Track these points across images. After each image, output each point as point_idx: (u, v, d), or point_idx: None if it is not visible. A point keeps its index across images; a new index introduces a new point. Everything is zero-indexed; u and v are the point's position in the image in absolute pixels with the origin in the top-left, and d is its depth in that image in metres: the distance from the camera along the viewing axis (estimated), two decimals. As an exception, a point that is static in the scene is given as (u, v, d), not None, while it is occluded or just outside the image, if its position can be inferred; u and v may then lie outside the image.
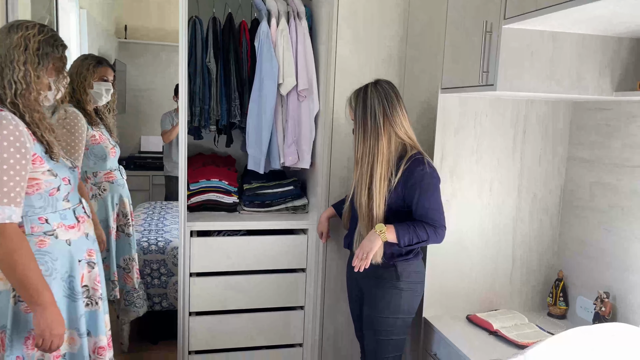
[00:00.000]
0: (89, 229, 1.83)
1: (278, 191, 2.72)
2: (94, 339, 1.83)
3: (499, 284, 2.43)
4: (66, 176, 1.72)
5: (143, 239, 3.28)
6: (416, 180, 1.97)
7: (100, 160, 2.61)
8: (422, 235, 1.96)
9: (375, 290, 2.09)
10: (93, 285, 1.83)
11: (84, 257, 1.79)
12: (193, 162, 2.83)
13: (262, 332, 2.63)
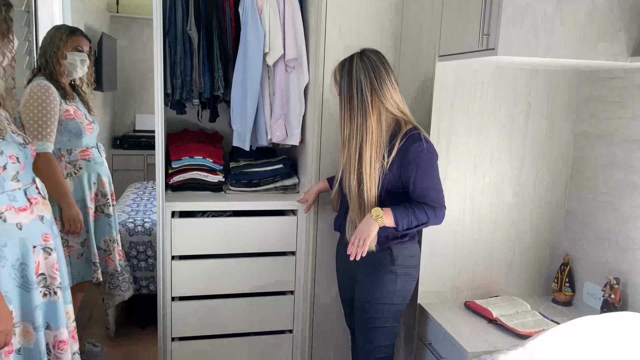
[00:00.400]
0: (44, 211, 1.68)
1: (266, 170, 2.56)
2: (53, 332, 1.69)
3: (499, 268, 2.28)
4: (14, 153, 1.57)
5: (129, 220, 3.15)
6: (412, 158, 1.80)
7: (74, 137, 2.46)
8: (422, 217, 1.81)
9: (369, 275, 1.93)
10: (51, 273, 1.68)
11: (39, 243, 1.64)
12: (177, 139, 2.68)
13: (250, 317, 2.49)
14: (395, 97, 1.86)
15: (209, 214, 2.46)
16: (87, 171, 2.49)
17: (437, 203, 1.83)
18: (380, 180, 1.83)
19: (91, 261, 2.53)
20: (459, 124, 2.13)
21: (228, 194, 2.53)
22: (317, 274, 2.47)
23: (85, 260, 2.53)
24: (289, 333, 2.56)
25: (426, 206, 1.82)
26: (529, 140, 2.20)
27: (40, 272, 1.65)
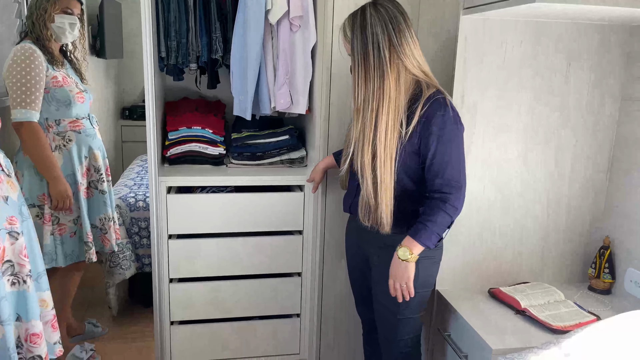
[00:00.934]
0: (9, 191, 1.50)
1: (271, 141, 2.33)
2: (25, 325, 1.53)
3: (530, 252, 2.03)
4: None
5: (130, 195, 2.97)
6: (435, 128, 1.56)
7: (63, 106, 2.26)
8: (445, 220, 1.59)
9: (387, 261, 1.70)
10: (19, 260, 1.51)
11: (4, 227, 1.46)
12: (175, 108, 2.46)
13: (255, 301, 2.31)
14: (416, 54, 1.61)
15: (209, 189, 2.26)
16: (77, 144, 2.30)
17: (453, 182, 1.58)
18: (398, 154, 1.59)
19: (83, 241, 2.37)
20: (486, 88, 1.86)
21: (229, 168, 2.32)
22: (326, 255, 2.27)
23: (79, 239, 2.37)
24: (296, 317, 2.38)
25: (440, 203, 1.58)
26: (567, 107, 1.92)
27: (6, 259, 1.48)
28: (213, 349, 2.32)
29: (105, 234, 2.48)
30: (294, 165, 2.36)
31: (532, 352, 1.48)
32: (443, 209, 1.58)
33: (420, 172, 1.64)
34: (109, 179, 2.50)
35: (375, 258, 1.76)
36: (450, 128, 1.57)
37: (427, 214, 1.59)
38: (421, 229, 1.59)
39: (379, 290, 1.76)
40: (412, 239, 1.59)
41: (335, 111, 2.14)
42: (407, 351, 1.80)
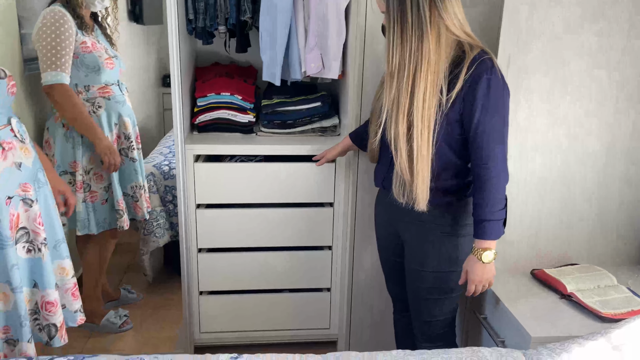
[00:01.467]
0: (22, 157, 1.45)
1: (302, 108, 2.22)
2: (40, 293, 1.51)
3: (580, 230, 1.86)
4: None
5: (164, 162, 2.95)
6: (480, 93, 1.41)
7: (92, 72, 2.21)
8: (500, 197, 1.47)
9: (423, 239, 1.60)
10: (33, 227, 1.48)
11: (16, 193, 1.43)
12: (205, 73, 2.38)
13: (286, 273, 2.25)
14: (459, 12, 1.44)
15: (238, 158, 2.18)
16: (106, 110, 2.27)
17: (498, 154, 1.44)
18: (437, 123, 1.44)
19: (114, 209, 2.36)
20: (534, 52, 1.68)
21: (259, 136, 2.23)
22: (357, 228, 2.16)
23: (110, 206, 2.36)
24: (327, 291, 2.30)
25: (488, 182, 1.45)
26: (627, 75, 1.71)
27: (21, 225, 1.45)
28: (241, 320, 2.28)
29: (136, 201, 2.46)
30: (326, 134, 2.25)
31: (576, 342, 1.35)
32: (495, 187, 1.45)
33: (464, 143, 1.49)
34: (139, 146, 2.47)
35: (408, 234, 1.65)
36: (497, 93, 1.42)
37: (483, 202, 1.46)
38: (489, 225, 1.47)
39: (412, 268, 1.65)
40: (485, 239, 1.47)
41: (369, 76, 2.00)
42: (441, 332, 1.69)
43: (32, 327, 1.55)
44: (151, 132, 4.32)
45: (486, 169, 1.44)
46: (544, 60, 1.69)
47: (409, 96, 1.44)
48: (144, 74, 4.25)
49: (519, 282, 1.76)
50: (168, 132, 3.89)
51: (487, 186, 1.44)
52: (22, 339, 1.45)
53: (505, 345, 1.61)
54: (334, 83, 2.37)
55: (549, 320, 1.54)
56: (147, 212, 2.52)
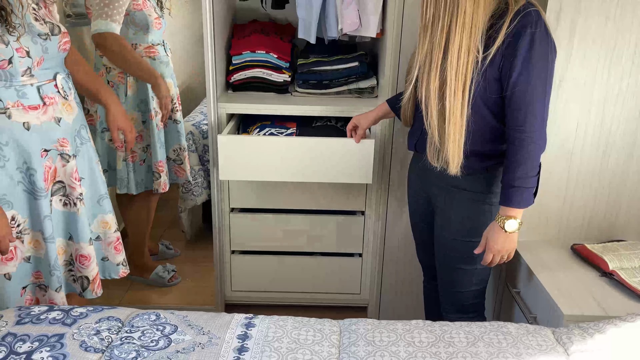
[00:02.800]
0: (63, 113, 1.48)
1: (339, 68, 2.15)
2: (75, 246, 1.56)
3: (629, 204, 1.72)
4: (23, 46, 1.35)
5: (204, 122, 2.95)
6: (522, 48, 1.30)
7: (140, 31, 2.19)
8: (534, 164, 1.37)
9: (455, 205, 1.52)
10: (70, 182, 1.51)
11: (54, 147, 1.46)
12: (242, 30, 2.33)
13: (318, 236, 2.22)
14: None
15: (268, 130, 2.09)
16: None
17: (537, 117, 1.33)
18: (474, 80, 1.34)
19: (152, 170, 2.36)
20: (590, 3, 1.53)
21: (294, 97, 2.18)
22: (390, 195, 2.10)
23: (147, 167, 2.37)
24: (359, 257, 2.27)
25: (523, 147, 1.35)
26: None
27: (58, 179, 1.50)
28: (272, 280, 2.29)
29: (180, 164, 2.47)
30: (363, 95, 2.17)
31: (612, 323, 1.26)
32: (529, 153, 1.34)
33: (503, 104, 1.39)
34: (180, 108, 2.47)
35: (440, 200, 1.57)
36: (540, 50, 1.30)
37: (514, 166, 1.36)
38: (517, 192, 1.36)
39: (443, 236, 1.58)
40: (512, 207, 1.38)
41: (408, 34, 1.89)
42: (471, 303, 1.63)
43: (66, 277, 1.61)
44: (195, 90, 4.33)
45: (521, 132, 1.34)
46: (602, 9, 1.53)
47: (443, 51, 1.34)
48: (185, 32, 4.24)
49: (557, 256, 1.66)
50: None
51: (520, 150, 1.34)
52: (51, 287, 1.51)
53: (537, 322, 1.54)
54: (373, 43, 2.27)
55: (585, 298, 1.45)
56: (190, 174, 2.52)
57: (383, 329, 1.28)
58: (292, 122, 2.14)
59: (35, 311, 1.29)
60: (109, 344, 1.19)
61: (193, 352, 1.17)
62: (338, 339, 1.25)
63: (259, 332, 1.25)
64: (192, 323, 1.27)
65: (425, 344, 1.23)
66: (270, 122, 2.13)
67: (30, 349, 1.15)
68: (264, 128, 2.10)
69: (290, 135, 2.04)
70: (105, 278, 1.70)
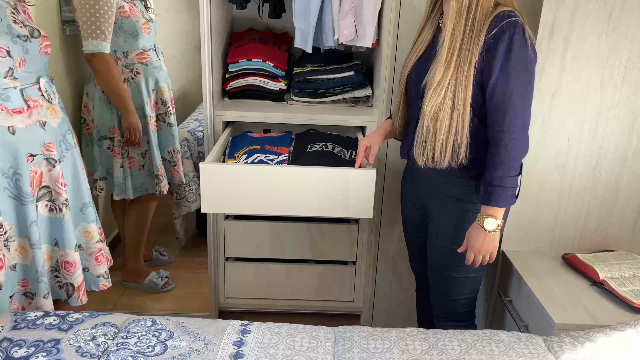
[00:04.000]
0: (48, 116, 1.47)
1: (335, 77, 2.17)
2: (60, 252, 1.54)
3: (620, 216, 1.75)
4: (2, 46, 1.35)
5: (199, 128, 2.97)
6: (501, 51, 1.33)
7: (130, 37, 2.21)
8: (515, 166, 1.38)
9: (447, 212, 1.54)
10: (55, 187, 1.50)
11: (40, 152, 1.45)
12: (239, 39, 2.35)
13: (311, 244, 2.24)
14: None
15: (257, 157, 1.87)
16: (144, 76, 2.27)
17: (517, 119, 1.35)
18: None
19: (153, 173, 2.38)
20: (584, 14, 1.56)
21: (290, 105, 2.20)
22: (385, 204, 2.12)
23: (147, 172, 2.39)
24: (352, 265, 2.28)
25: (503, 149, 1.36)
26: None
27: (44, 184, 1.48)
28: (266, 287, 2.30)
29: (174, 166, 2.49)
30: (359, 104, 2.19)
31: (603, 332, 1.28)
32: (509, 153, 1.36)
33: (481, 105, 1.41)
34: (174, 111, 2.48)
35: (434, 209, 1.59)
36: (519, 53, 1.32)
37: (494, 166, 1.38)
38: (496, 191, 1.38)
39: (437, 244, 1.60)
40: (491, 206, 1.39)
41: (404, 45, 1.92)
42: (463, 311, 1.64)
43: (52, 283, 1.59)
44: (192, 97, 4.35)
45: (502, 133, 1.36)
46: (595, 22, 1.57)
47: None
48: (185, 38, 4.26)
49: (549, 266, 1.68)
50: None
51: (501, 150, 1.36)
52: (38, 294, 1.49)
53: (529, 330, 1.55)
54: (368, 53, 2.30)
55: (576, 307, 1.47)
56: (183, 175, 2.55)
57: (377, 336, 1.29)
58: (284, 147, 1.94)
59: (31, 316, 1.29)
60: (105, 350, 1.20)
61: (189, 358, 1.18)
62: (333, 346, 1.26)
63: (255, 338, 1.26)
64: (188, 329, 1.28)
65: (419, 351, 1.24)
66: (260, 146, 1.93)
67: (27, 354, 1.15)
68: (253, 154, 1.89)
69: (282, 162, 1.84)
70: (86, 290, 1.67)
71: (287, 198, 1.76)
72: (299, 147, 1.96)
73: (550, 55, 1.61)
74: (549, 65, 1.62)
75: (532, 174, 1.72)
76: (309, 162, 1.80)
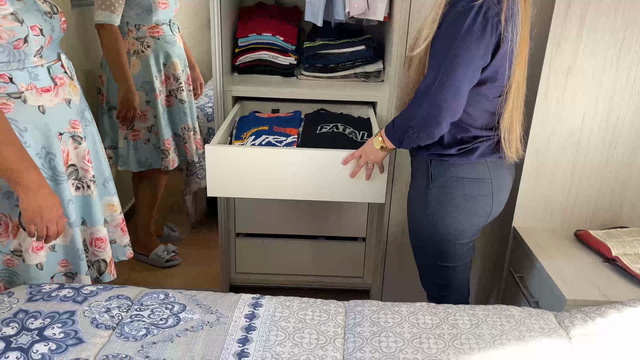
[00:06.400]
0: (71, 94, 1.46)
1: (345, 51, 2.14)
2: (89, 230, 1.55)
3: (632, 194, 1.73)
4: (36, 24, 1.33)
5: (208, 104, 2.96)
6: (445, 18, 1.30)
7: (144, 12, 2.19)
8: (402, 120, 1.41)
9: (411, 191, 1.58)
10: (82, 165, 1.49)
11: (67, 130, 1.44)
12: (248, 14, 2.32)
13: (322, 220, 2.24)
14: None
15: (264, 139, 1.79)
16: (154, 51, 2.25)
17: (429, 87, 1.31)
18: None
19: (159, 148, 2.39)
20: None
21: (300, 80, 2.18)
22: (395, 180, 2.11)
23: (153, 147, 2.39)
24: (362, 241, 2.29)
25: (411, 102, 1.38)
26: None
27: (71, 162, 1.47)
28: (276, 263, 2.31)
29: (185, 143, 2.48)
30: (369, 79, 2.17)
31: (614, 307, 1.27)
32: (406, 110, 1.39)
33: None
34: (190, 88, 2.47)
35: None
36: (456, 19, 1.27)
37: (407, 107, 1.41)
38: (390, 124, 1.46)
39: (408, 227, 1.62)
40: (383, 130, 1.50)
41: (416, 18, 1.88)
42: (440, 295, 1.65)
43: None
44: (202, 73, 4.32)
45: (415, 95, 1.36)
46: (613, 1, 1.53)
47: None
48: (194, 17, 4.22)
49: (561, 242, 1.68)
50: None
51: (414, 97, 1.36)
52: (80, 272, 1.51)
53: (540, 306, 1.55)
54: (380, 27, 2.26)
55: (588, 284, 1.46)
56: (195, 154, 2.54)
57: (388, 310, 1.30)
58: (293, 129, 1.86)
59: (46, 289, 1.30)
60: (119, 321, 1.21)
61: (202, 330, 1.19)
62: (344, 320, 1.27)
63: (266, 311, 1.27)
64: (201, 302, 1.29)
65: (429, 325, 1.24)
66: (268, 127, 1.85)
67: (42, 325, 1.17)
68: (260, 135, 1.81)
69: (291, 144, 1.77)
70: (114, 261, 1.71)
71: (296, 182, 1.70)
72: (308, 128, 1.88)
73: (566, 31, 1.57)
74: (564, 42, 1.58)
75: (546, 151, 1.70)
76: (319, 145, 1.74)
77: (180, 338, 1.16)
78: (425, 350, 1.16)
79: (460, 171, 1.41)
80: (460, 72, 1.28)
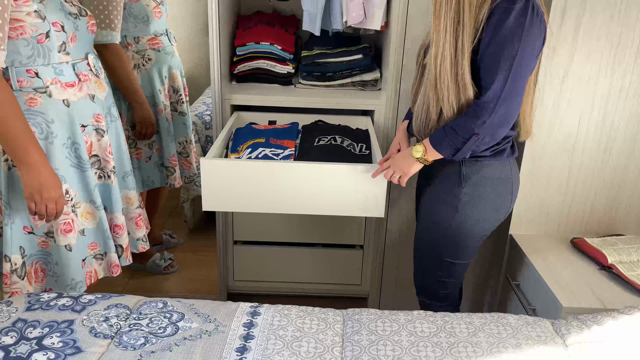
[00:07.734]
0: (96, 90, 1.57)
1: (343, 60, 2.16)
2: (109, 216, 1.65)
3: (629, 200, 1.75)
4: (58, 21, 1.42)
5: (206, 112, 2.97)
6: (496, 20, 1.27)
7: (141, 23, 2.18)
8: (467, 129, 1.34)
9: (431, 197, 1.55)
10: (104, 156, 1.60)
11: (90, 123, 1.54)
12: (246, 22, 2.34)
13: (319, 228, 2.25)
14: None
15: (261, 152, 1.80)
16: (157, 63, 2.23)
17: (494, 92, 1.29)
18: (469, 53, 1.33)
19: (163, 166, 2.36)
20: (596, -2, 1.54)
21: (298, 89, 2.19)
22: (392, 188, 2.12)
23: (154, 164, 2.35)
24: (359, 248, 2.29)
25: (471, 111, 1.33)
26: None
27: (94, 153, 1.58)
28: (274, 271, 2.32)
29: (186, 157, 2.46)
30: (367, 87, 2.18)
31: (610, 315, 1.28)
32: (470, 118, 1.33)
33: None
34: (187, 99, 2.46)
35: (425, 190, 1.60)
36: (513, 21, 1.26)
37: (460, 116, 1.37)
38: (438, 132, 1.39)
39: (420, 226, 1.62)
40: (428, 140, 1.42)
41: (413, 27, 1.90)
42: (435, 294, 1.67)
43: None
44: (199, 80, 4.33)
45: (478, 102, 1.32)
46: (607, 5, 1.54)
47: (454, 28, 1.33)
48: (192, 20, 4.24)
49: (557, 250, 1.69)
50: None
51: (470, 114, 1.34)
52: (110, 250, 1.62)
53: (536, 314, 1.56)
54: (377, 35, 2.28)
55: (584, 291, 1.47)
56: (196, 167, 2.52)
57: (385, 318, 1.30)
58: (290, 141, 1.83)
59: (45, 298, 1.31)
60: (117, 330, 1.21)
61: (200, 339, 1.19)
62: (341, 328, 1.28)
63: (264, 320, 1.27)
64: (199, 311, 1.29)
65: (427, 333, 1.25)
66: (265, 139, 1.82)
67: (41, 334, 1.17)
68: (257, 148, 1.78)
69: (288, 157, 1.74)
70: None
71: (294, 196, 1.66)
72: (306, 140, 1.85)
73: (561, 36, 1.59)
74: (560, 47, 1.60)
75: (542, 156, 1.71)
76: (316, 158, 1.70)
77: (179, 347, 1.17)
78: (423, 358, 1.17)
79: (491, 171, 1.44)
80: (526, 73, 1.32)
